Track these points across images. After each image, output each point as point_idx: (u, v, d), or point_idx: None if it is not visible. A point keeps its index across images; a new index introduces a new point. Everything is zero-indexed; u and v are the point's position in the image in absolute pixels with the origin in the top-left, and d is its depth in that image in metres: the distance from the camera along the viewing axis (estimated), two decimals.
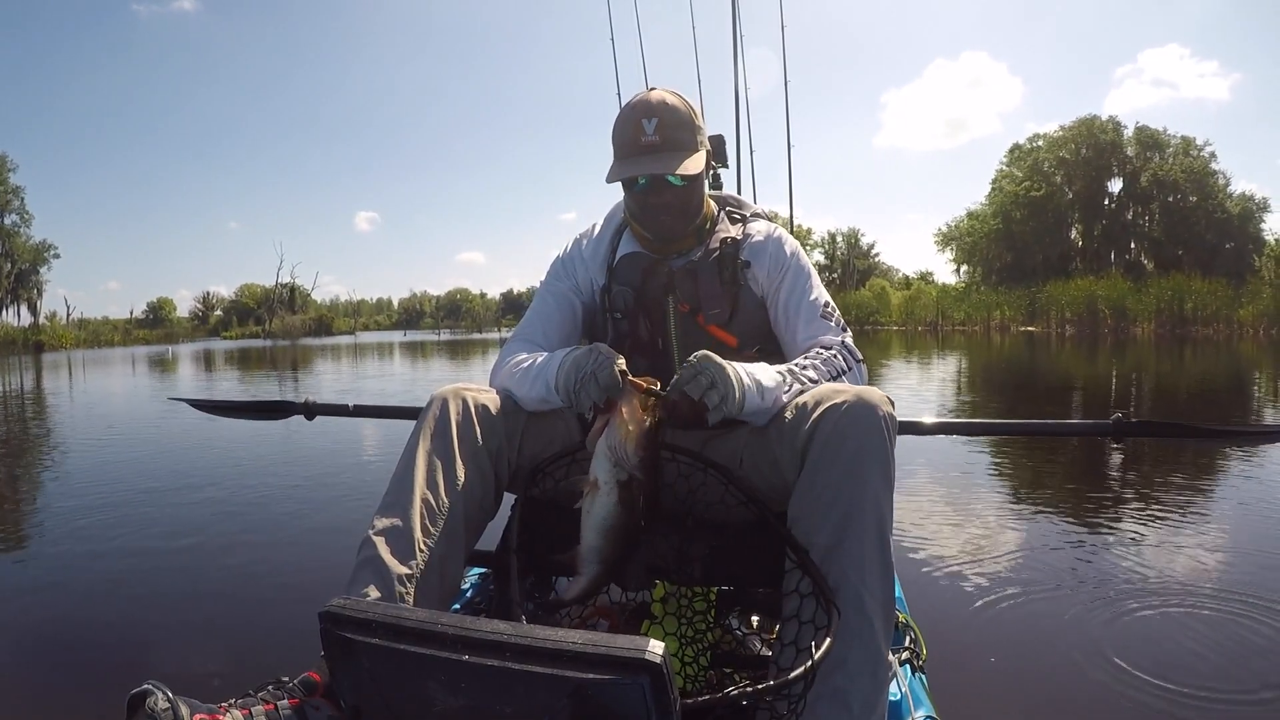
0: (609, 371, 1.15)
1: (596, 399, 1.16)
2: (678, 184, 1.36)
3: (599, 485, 1.09)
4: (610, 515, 1.09)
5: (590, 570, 1.12)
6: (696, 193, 1.42)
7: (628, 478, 1.08)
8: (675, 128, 1.34)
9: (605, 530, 1.10)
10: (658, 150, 1.33)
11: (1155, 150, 33.19)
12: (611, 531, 1.10)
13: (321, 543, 3.27)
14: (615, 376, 1.14)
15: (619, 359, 1.17)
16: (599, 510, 1.10)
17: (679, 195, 1.38)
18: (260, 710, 1.04)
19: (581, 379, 1.17)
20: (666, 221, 1.41)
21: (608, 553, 1.11)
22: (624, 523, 1.10)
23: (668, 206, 1.38)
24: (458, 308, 68.80)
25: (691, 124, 1.37)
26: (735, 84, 3.56)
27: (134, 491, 4.37)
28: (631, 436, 1.07)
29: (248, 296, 55.84)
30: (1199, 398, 8.28)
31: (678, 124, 1.35)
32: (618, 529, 1.10)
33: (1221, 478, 4.23)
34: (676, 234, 1.44)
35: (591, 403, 1.17)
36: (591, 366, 1.17)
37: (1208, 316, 23.66)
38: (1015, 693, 1.88)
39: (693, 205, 1.42)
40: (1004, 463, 4.83)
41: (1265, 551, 2.89)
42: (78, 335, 39.12)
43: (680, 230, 1.44)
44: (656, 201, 1.38)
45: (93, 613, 2.52)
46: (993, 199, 36.24)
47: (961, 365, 13.51)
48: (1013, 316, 29.31)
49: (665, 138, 1.33)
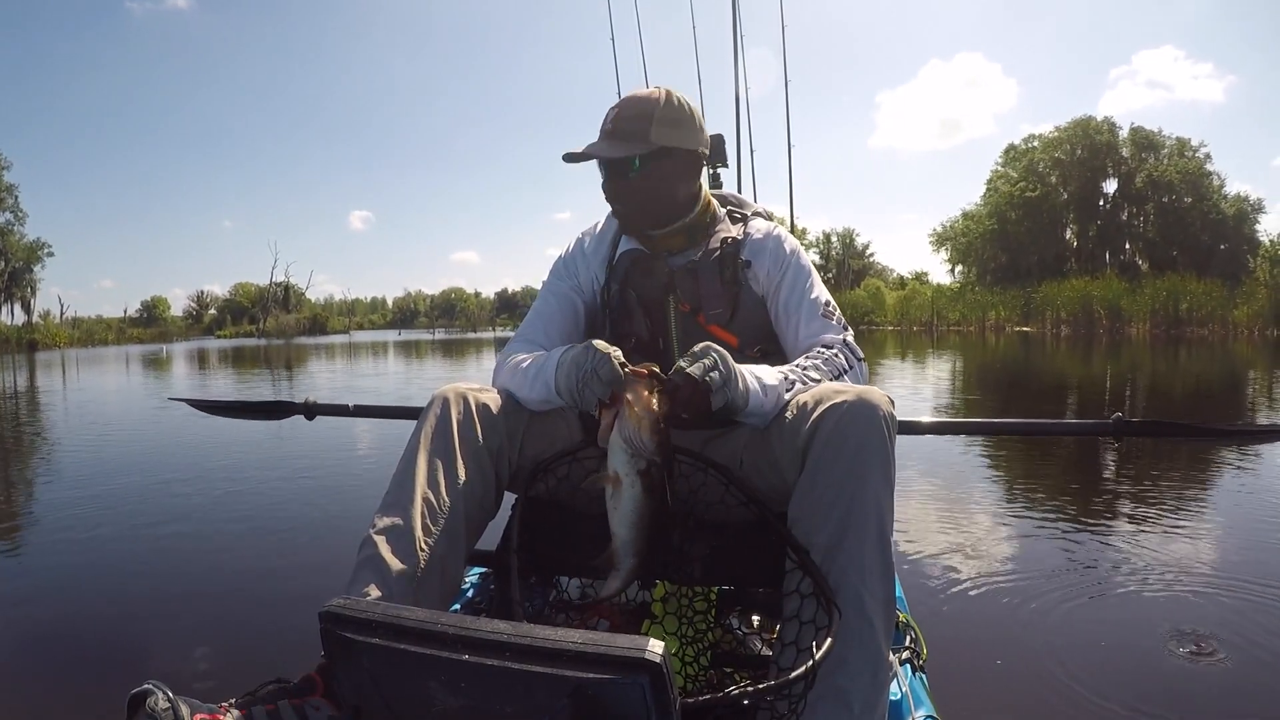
0: (609, 366, 1.14)
1: (601, 395, 1.15)
2: (631, 175, 1.38)
3: (621, 479, 1.08)
4: (638, 507, 1.09)
5: (627, 564, 1.12)
6: (659, 186, 1.41)
7: (646, 465, 1.08)
8: (630, 119, 1.38)
9: (635, 522, 1.10)
10: (609, 137, 1.38)
11: (1150, 151, 33.29)
12: (641, 522, 1.10)
13: (322, 542, 3.27)
14: (616, 370, 1.14)
15: (617, 352, 1.17)
16: (626, 504, 1.09)
17: (632, 185, 1.40)
18: (260, 710, 1.04)
19: (583, 377, 1.17)
20: (621, 210, 1.45)
21: (640, 545, 1.11)
22: (652, 511, 1.09)
23: (620, 194, 1.42)
24: (452, 307, 68.48)
25: (650, 116, 1.37)
26: (735, 84, 3.56)
27: (133, 492, 4.37)
28: (644, 424, 1.07)
29: (242, 295, 55.64)
30: (1194, 397, 8.31)
31: (635, 115, 1.38)
32: (646, 519, 1.10)
33: (1219, 477, 4.25)
34: (636, 223, 1.46)
35: (596, 399, 1.16)
36: (591, 364, 1.16)
37: (1203, 317, 23.74)
38: (1016, 693, 1.88)
39: (657, 198, 1.42)
40: (1004, 462, 4.84)
41: (1266, 552, 2.90)
42: (71, 334, 38.89)
43: (640, 220, 1.45)
44: (611, 187, 1.42)
45: (93, 613, 2.51)
46: (988, 199, 36.31)
47: (957, 365, 13.54)
48: (1008, 317, 29.37)
49: (618, 127, 1.38)
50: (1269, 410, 7.21)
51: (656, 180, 1.40)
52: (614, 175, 1.41)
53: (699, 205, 1.48)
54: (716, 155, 2.28)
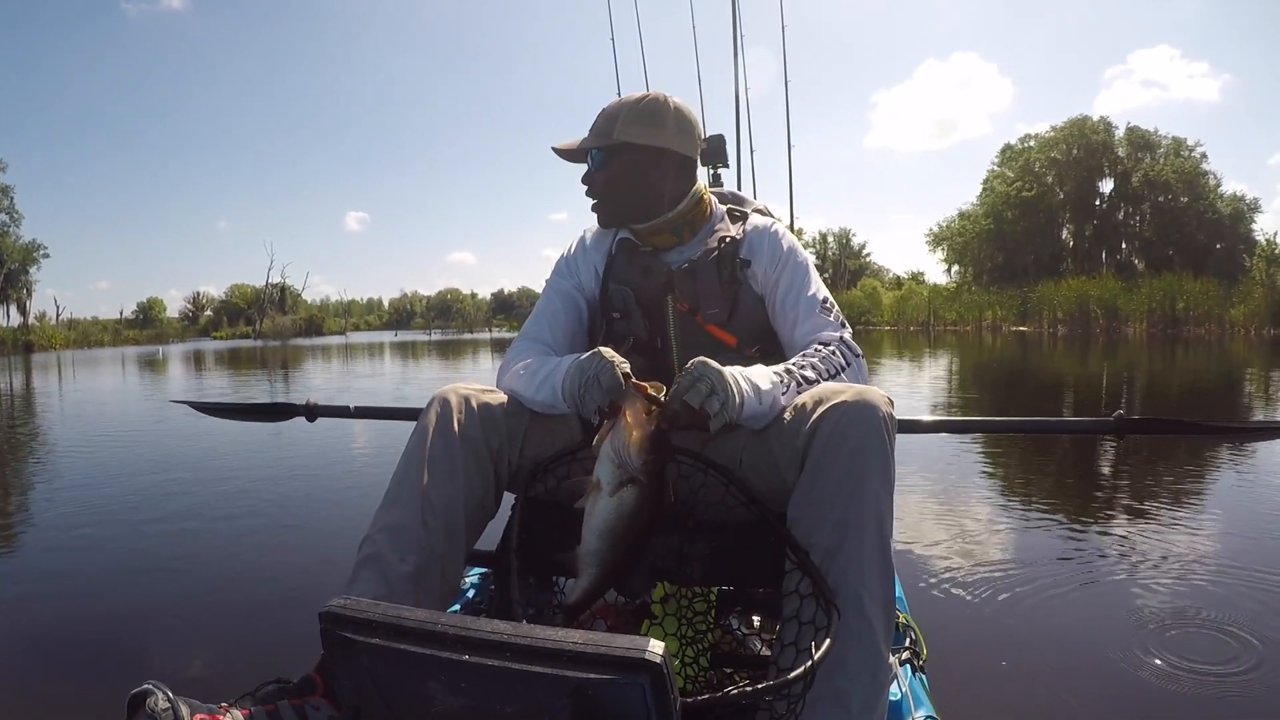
0: (611, 374, 1.15)
1: (600, 403, 1.16)
2: (593, 168, 1.47)
3: (601, 487, 1.09)
4: (610, 518, 1.09)
5: (590, 573, 1.12)
6: (622, 179, 1.46)
7: (628, 480, 1.08)
8: (604, 117, 1.46)
9: (604, 533, 1.09)
10: (588, 133, 1.47)
11: (1146, 151, 33.33)
12: (611, 535, 1.09)
13: (322, 542, 3.26)
14: (618, 379, 1.14)
15: (623, 363, 1.17)
16: (600, 512, 1.09)
17: (594, 177, 1.48)
18: (260, 710, 1.04)
19: (585, 383, 1.17)
20: (592, 202, 1.50)
21: (607, 556, 1.11)
22: (625, 527, 1.09)
23: (587, 185, 1.50)
24: (448, 308, 68.26)
25: (618, 115, 1.43)
26: (735, 84, 3.56)
27: (133, 492, 4.36)
28: (635, 440, 1.07)
29: (238, 297, 55.40)
30: (1191, 394, 8.33)
31: (608, 115, 1.45)
32: (618, 533, 1.09)
33: (1219, 474, 4.25)
34: (604, 214, 1.51)
35: (596, 406, 1.17)
36: (595, 370, 1.16)
37: (1199, 316, 23.75)
38: (1016, 693, 1.88)
39: (619, 191, 1.47)
40: (1003, 462, 4.85)
41: (1267, 548, 2.90)
42: (67, 335, 38.64)
43: (607, 211, 1.50)
44: (584, 179, 1.50)
45: (93, 613, 2.51)
46: (984, 199, 36.31)
47: (953, 365, 13.55)
48: (1004, 316, 29.35)
49: (594, 124, 1.47)
50: (1266, 407, 7.23)
51: (618, 174, 1.46)
52: (585, 167, 1.50)
53: (684, 204, 1.47)
54: (717, 155, 2.29)
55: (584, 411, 1.21)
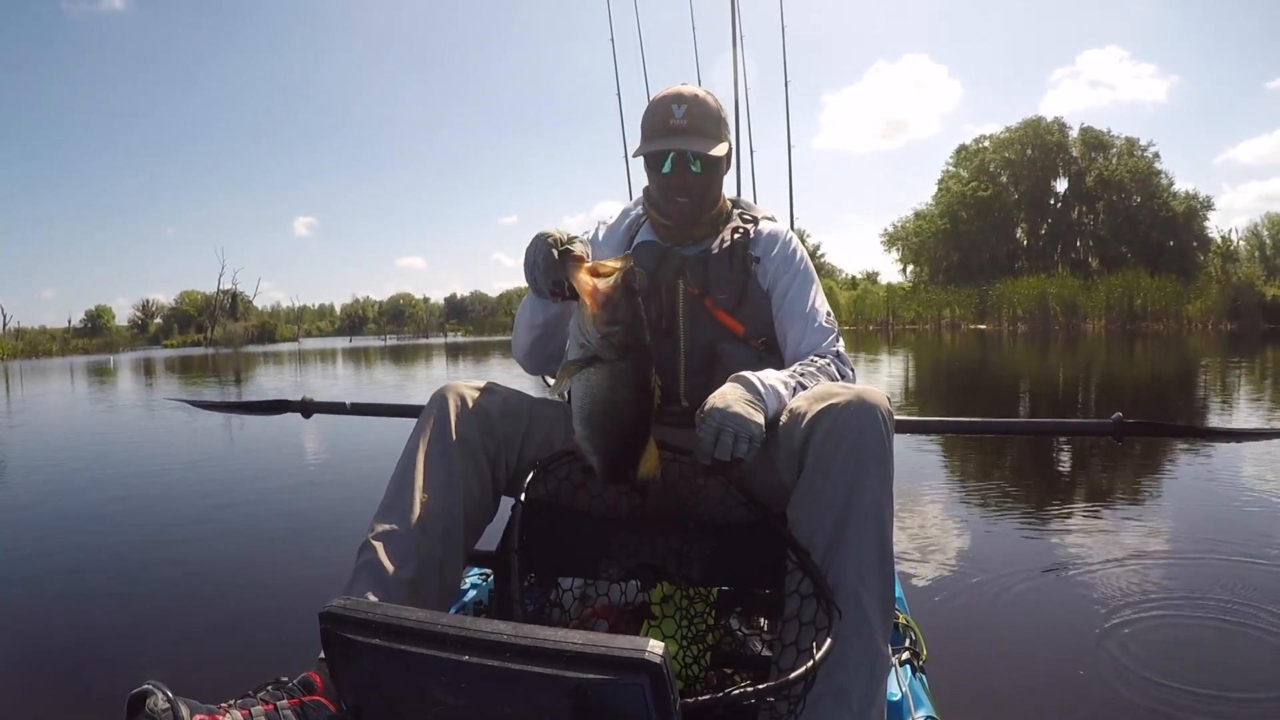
0: (546, 253, 1.19)
1: (542, 284, 1.21)
2: (696, 170, 1.43)
3: (570, 369, 1.08)
4: (583, 400, 1.08)
5: (593, 461, 1.12)
6: (714, 183, 1.49)
7: (594, 358, 1.06)
8: (702, 117, 1.44)
9: (586, 417, 1.09)
10: (685, 133, 1.42)
11: (1100, 151, 33.61)
12: (593, 417, 1.08)
13: (321, 542, 3.27)
14: (551, 257, 1.18)
15: (563, 238, 1.20)
16: (576, 397, 1.09)
17: (699, 180, 1.45)
18: (260, 710, 1.04)
19: (530, 267, 1.23)
20: (684, 205, 1.47)
21: (599, 442, 1.10)
22: (600, 410, 1.07)
23: (687, 189, 1.45)
24: (401, 313, 67.12)
25: (718, 117, 1.46)
26: (735, 84, 3.55)
27: (132, 493, 4.36)
28: (586, 315, 1.05)
29: (188, 304, 54.39)
30: (1155, 387, 8.33)
31: (704, 114, 1.44)
32: (594, 414, 1.08)
33: (1217, 476, 4.24)
34: (691, 219, 1.49)
35: (549, 285, 1.21)
36: (533, 253, 1.22)
37: (1157, 312, 24.08)
38: (1015, 693, 1.88)
39: (710, 194, 1.49)
40: (1002, 462, 4.85)
41: (1265, 550, 2.89)
42: (15, 345, 37.13)
43: (695, 216, 1.49)
44: (678, 183, 1.45)
45: (93, 613, 2.51)
46: (939, 199, 36.45)
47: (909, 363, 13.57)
48: (963, 315, 29.43)
49: (692, 123, 1.42)
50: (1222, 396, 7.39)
51: (714, 177, 1.48)
52: (680, 171, 1.45)
53: (720, 202, 1.54)
54: None
55: (539, 294, 1.26)
